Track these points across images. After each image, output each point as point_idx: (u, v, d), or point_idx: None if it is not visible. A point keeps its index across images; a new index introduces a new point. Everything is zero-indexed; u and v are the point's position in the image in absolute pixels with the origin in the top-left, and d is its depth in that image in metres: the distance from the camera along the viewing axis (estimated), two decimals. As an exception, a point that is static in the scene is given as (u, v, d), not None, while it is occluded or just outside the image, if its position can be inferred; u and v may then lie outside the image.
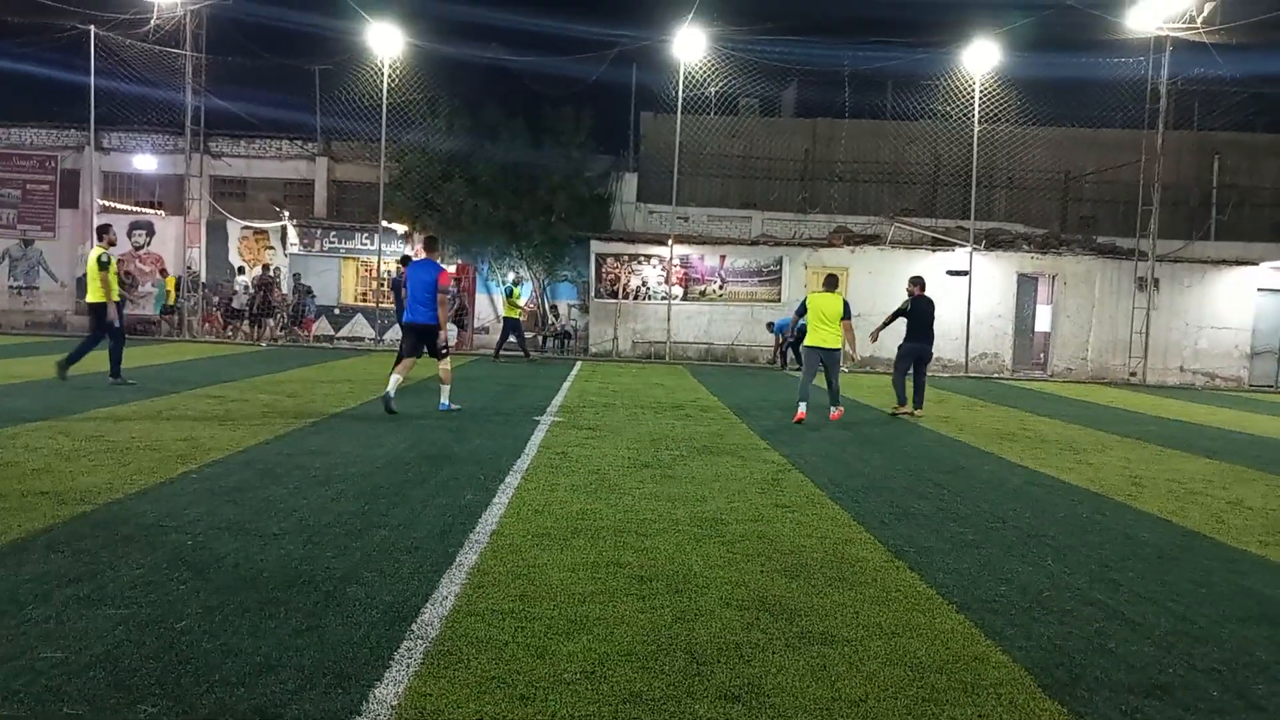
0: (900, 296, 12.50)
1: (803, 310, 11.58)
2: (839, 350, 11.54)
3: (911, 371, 12.81)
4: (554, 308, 25.67)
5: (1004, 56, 23.33)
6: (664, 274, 24.09)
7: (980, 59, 23.28)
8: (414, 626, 3.82)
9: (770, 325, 22.85)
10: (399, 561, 4.73)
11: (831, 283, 11.68)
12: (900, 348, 12.87)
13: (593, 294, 24.30)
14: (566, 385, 15.11)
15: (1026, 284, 24.33)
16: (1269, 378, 23.88)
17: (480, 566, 4.70)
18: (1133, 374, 23.50)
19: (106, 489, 6.00)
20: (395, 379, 10.49)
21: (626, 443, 9.12)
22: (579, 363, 21.03)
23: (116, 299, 12.17)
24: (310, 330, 24.90)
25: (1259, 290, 23.80)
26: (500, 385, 14.72)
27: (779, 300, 24.04)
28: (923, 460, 8.97)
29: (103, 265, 11.96)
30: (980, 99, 23.40)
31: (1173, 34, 22.70)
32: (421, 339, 10.69)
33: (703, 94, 24.77)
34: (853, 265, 23.87)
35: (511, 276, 22.35)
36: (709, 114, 26.27)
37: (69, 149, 26.24)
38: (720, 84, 24.55)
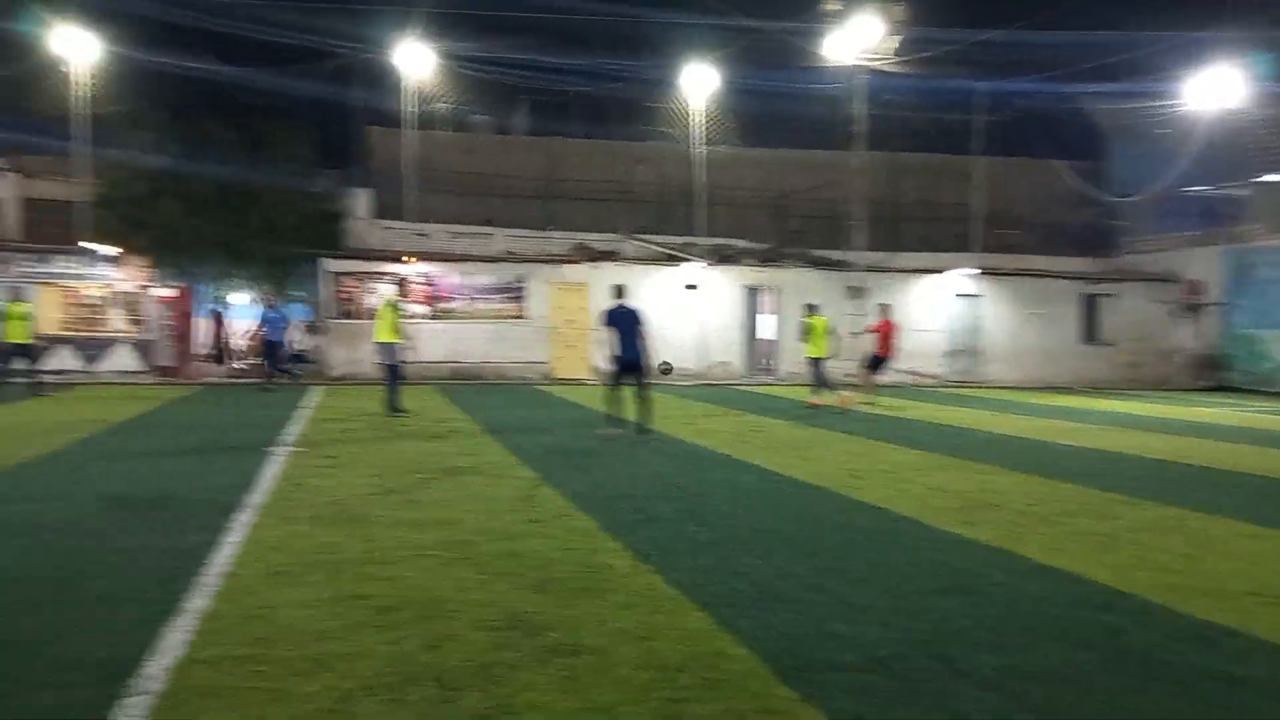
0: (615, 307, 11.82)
1: (807, 332, 16.75)
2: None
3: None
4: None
5: (720, 81, 24.83)
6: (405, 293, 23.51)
7: (698, 81, 24.60)
8: (132, 682, 3.50)
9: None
10: (115, 613, 4.33)
11: (812, 307, 17.24)
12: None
13: (326, 314, 23.29)
14: (302, 413, 14.38)
15: (750, 295, 25.94)
16: (962, 374, 26.72)
17: (210, 611, 4.38)
18: (849, 375, 25.51)
19: None
20: None
21: (371, 469, 8.81)
22: (316, 388, 20.05)
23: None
24: None
25: (957, 296, 26.64)
26: (227, 417, 13.79)
27: (523, 317, 24.17)
28: (667, 466, 9.31)
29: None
30: (701, 123, 24.68)
31: (865, 63, 25.01)
32: None
33: (433, 110, 24.47)
34: (593, 281, 24.40)
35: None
36: (441, 130, 25.95)
37: None
38: (449, 101, 24.38)
